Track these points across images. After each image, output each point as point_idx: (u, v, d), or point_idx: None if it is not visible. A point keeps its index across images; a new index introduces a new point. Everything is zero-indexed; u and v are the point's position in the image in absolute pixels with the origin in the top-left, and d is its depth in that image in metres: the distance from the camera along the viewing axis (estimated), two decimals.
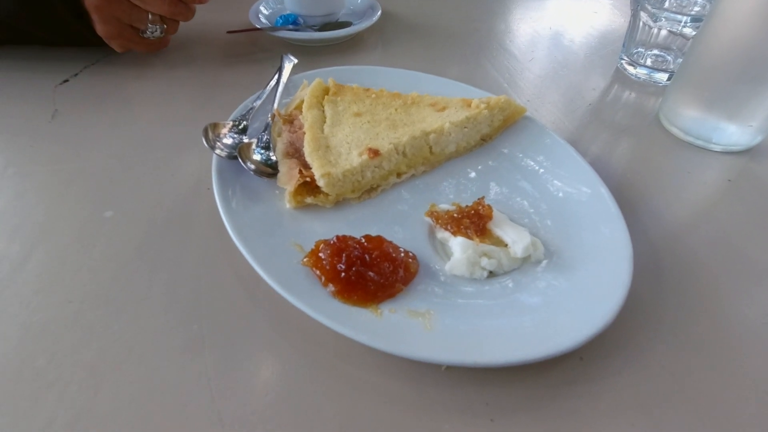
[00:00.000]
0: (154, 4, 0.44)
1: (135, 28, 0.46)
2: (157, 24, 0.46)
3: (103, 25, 0.45)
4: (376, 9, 0.58)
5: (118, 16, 0.45)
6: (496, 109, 0.38)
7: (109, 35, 0.46)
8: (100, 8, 0.43)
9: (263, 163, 0.34)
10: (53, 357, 0.26)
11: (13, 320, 0.27)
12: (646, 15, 0.48)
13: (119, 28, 0.46)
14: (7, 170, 0.38)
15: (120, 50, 0.48)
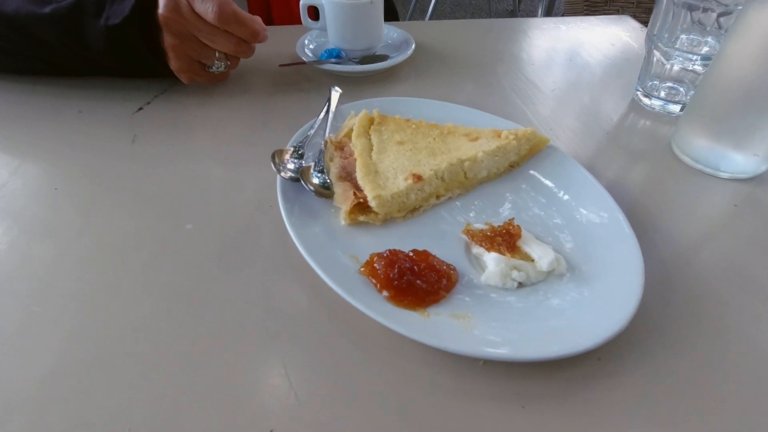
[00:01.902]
0: (222, 44, 0.51)
1: (202, 64, 0.53)
2: (222, 60, 0.53)
3: (176, 61, 0.52)
4: (410, 43, 0.64)
5: (189, 54, 0.52)
6: (523, 140, 0.43)
7: (180, 69, 0.53)
8: (175, 47, 0.50)
9: (321, 186, 0.39)
10: (155, 345, 0.31)
11: (119, 315, 0.33)
12: (659, 53, 0.53)
13: (189, 63, 0.52)
14: (98, 189, 0.44)
15: (187, 82, 0.55)
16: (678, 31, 0.52)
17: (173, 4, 0.48)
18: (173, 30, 0.49)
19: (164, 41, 0.50)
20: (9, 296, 0.34)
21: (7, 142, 0.50)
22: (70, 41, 0.51)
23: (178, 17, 0.49)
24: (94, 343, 0.31)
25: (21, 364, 0.30)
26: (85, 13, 0.49)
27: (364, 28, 0.60)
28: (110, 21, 0.49)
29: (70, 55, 0.53)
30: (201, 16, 0.49)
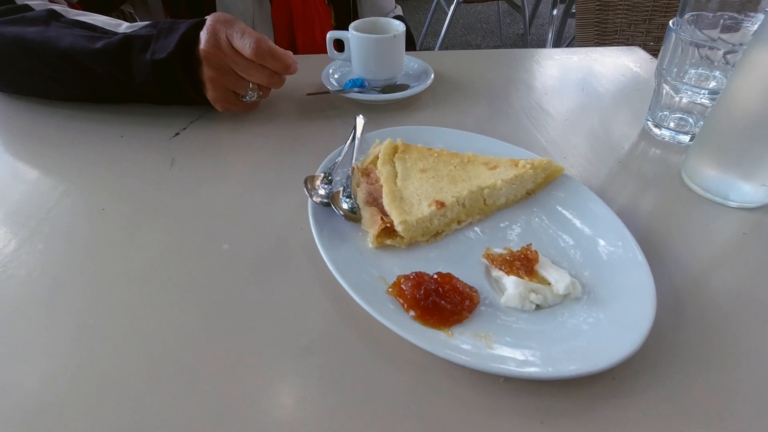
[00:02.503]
0: (256, 76, 0.55)
1: (237, 93, 0.57)
2: (255, 91, 0.57)
3: (213, 91, 0.56)
4: (429, 73, 0.67)
5: (226, 85, 0.56)
6: (539, 169, 0.45)
7: (216, 99, 0.57)
8: (214, 79, 0.55)
9: (350, 210, 0.42)
10: (197, 355, 0.34)
11: (163, 328, 0.36)
12: (668, 86, 0.56)
13: (225, 93, 0.57)
14: (141, 209, 0.47)
15: (221, 110, 0.59)
16: (686, 66, 0.55)
17: (214, 40, 0.53)
18: (213, 64, 0.54)
19: (203, 73, 0.54)
20: (65, 309, 0.37)
21: (57, 164, 0.54)
22: (118, 73, 0.55)
23: (218, 52, 0.53)
24: (143, 352, 0.34)
25: (78, 373, 0.32)
26: (133, 48, 0.54)
27: (387, 60, 0.64)
28: (156, 56, 0.53)
29: (117, 85, 0.57)
30: (239, 51, 0.53)
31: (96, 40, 0.54)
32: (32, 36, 0.55)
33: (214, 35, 0.53)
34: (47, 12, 0.58)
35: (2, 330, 0.35)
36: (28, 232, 0.44)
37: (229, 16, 0.55)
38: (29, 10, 0.58)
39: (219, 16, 0.54)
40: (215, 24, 0.54)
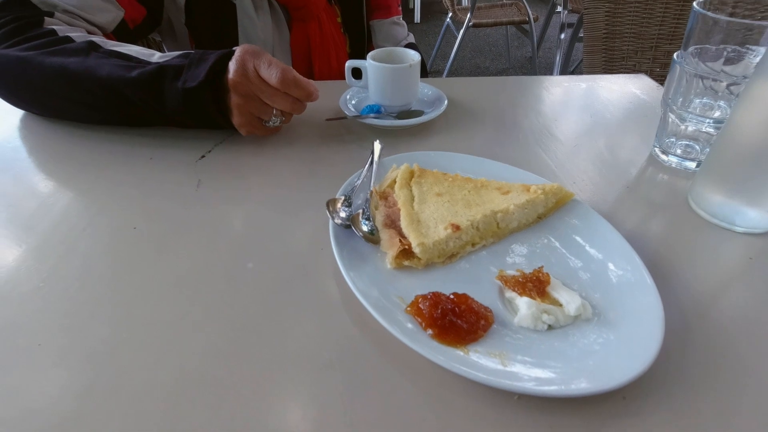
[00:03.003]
0: (280, 103, 0.59)
1: (261, 119, 0.61)
2: (278, 116, 0.61)
3: (239, 117, 0.59)
4: (442, 99, 0.70)
5: (251, 111, 0.59)
6: (550, 194, 0.47)
7: (242, 124, 0.60)
8: (240, 105, 0.58)
9: (369, 233, 0.45)
10: (226, 369, 0.36)
11: (193, 341, 0.38)
12: (673, 115, 0.58)
13: (250, 119, 0.60)
14: (170, 229, 0.50)
15: (245, 134, 0.62)
16: (691, 95, 0.57)
17: (242, 70, 0.56)
18: (240, 91, 0.57)
19: (231, 100, 0.58)
20: (102, 323, 0.39)
21: (91, 185, 0.57)
22: (151, 100, 0.59)
23: (246, 81, 0.57)
24: (174, 365, 0.36)
25: (115, 383, 0.34)
26: (166, 76, 0.58)
27: (403, 88, 0.67)
28: (187, 84, 0.57)
29: (150, 110, 0.61)
30: (265, 80, 0.57)
31: (132, 69, 0.58)
32: (73, 66, 0.59)
33: (242, 65, 0.57)
34: (87, 43, 0.62)
35: (42, 341, 0.37)
36: (65, 249, 0.47)
37: (257, 48, 0.59)
38: (70, 41, 0.62)
39: (247, 48, 0.58)
40: (244, 55, 0.57)
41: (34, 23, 0.64)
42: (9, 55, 0.60)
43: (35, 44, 0.61)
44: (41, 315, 0.40)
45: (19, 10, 0.64)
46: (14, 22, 0.63)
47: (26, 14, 0.64)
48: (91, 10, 0.70)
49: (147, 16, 0.79)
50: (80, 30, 0.67)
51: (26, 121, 0.70)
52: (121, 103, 0.60)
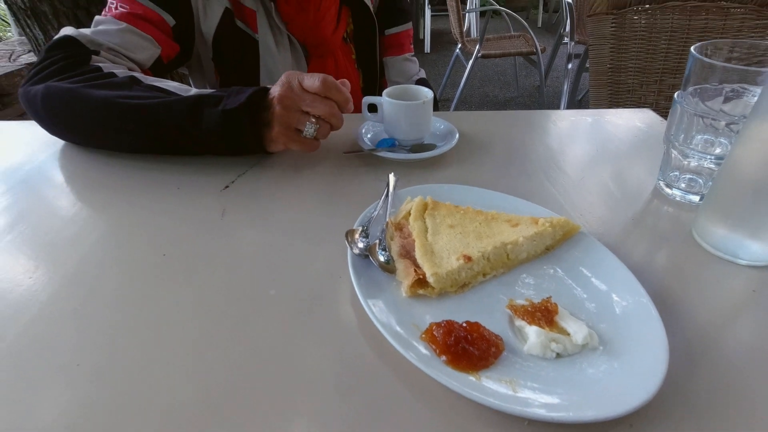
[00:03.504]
0: (320, 108, 0.64)
1: (298, 131, 0.66)
2: (313, 125, 0.65)
3: (278, 127, 0.65)
4: (454, 133, 0.74)
5: (290, 122, 0.65)
6: (558, 227, 0.50)
7: (279, 134, 0.65)
8: (281, 116, 0.64)
9: (385, 262, 0.47)
10: (248, 391, 0.38)
11: (219, 363, 0.40)
12: (676, 151, 0.60)
13: (287, 129, 0.65)
14: (197, 256, 0.53)
15: (279, 148, 0.68)
16: (693, 132, 0.59)
17: (288, 85, 0.64)
18: (284, 104, 0.63)
19: (272, 113, 0.64)
20: (134, 344, 0.42)
21: (123, 212, 0.61)
22: (189, 125, 0.65)
23: (290, 93, 0.63)
24: (201, 385, 0.38)
25: (147, 401, 0.37)
26: (206, 103, 0.64)
27: (417, 124, 0.71)
28: (227, 107, 0.63)
29: (185, 136, 0.66)
30: (307, 90, 0.64)
31: (171, 98, 0.65)
32: (118, 97, 0.65)
33: (288, 81, 0.64)
34: (129, 78, 0.69)
35: (81, 361, 0.40)
36: (100, 273, 0.50)
37: (299, 71, 0.66)
38: (114, 76, 0.69)
39: (291, 71, 0.66)
40: (289, 74, 0.65)
41: (83, 61, 0.71)
42: (60, 87, 0.67)
43: (83, 78, 0.67)
44: (79, 336, 0.43)
45: (69, 49, 0.71)
46: (65, 59, 0.70)
47: (76, 52, 0.71)
48: (132, 48, 0.77)
49: (179, 52, 0.85)
50: (122, 67, 0.74)
51: (65, 151, 0.75)
52: (160, 130, 0.66)
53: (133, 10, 0.77)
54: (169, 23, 0.81)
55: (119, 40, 0.76)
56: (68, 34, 0.73)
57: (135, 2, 0.78)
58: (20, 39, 2.60)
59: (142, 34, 0.78)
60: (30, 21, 1.39)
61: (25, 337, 0.43)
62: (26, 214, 0.60)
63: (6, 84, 2.01)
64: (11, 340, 0.42)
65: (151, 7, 0.78)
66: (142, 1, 0.78)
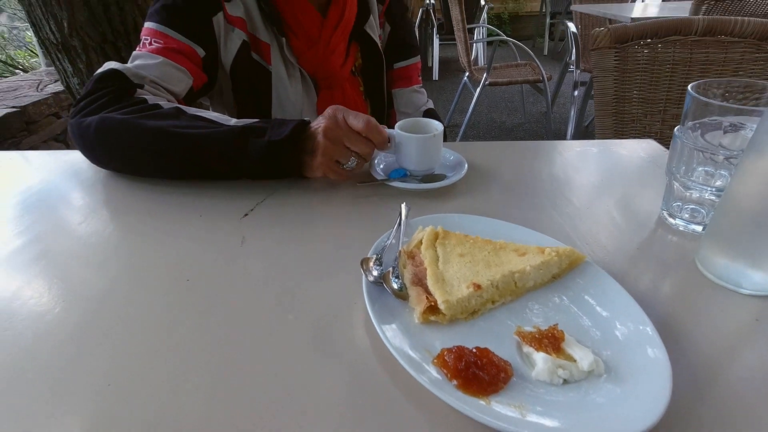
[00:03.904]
0: (360, 146, 0.70)
1: (338, 162, 0.71)
2: (354, 160, 0.71)
3: (322, 158, 0.70)
4: (463, 164, 0.77)
5: (333, 154, 0.70)
6: (563, 256, 0.52)
7: (321, 164, 0.71)
8: (326, 147, 0.69)
9: (398, 290, 0.50)
10: (270, 410, 0.40)
11: (241, 383, 0.42)
12: (678, 183, 0.63)
13: (330, 161, 0.71)
14: (219, 282, 0.56)
15: (320, 175, 0.73)
16: (694, 164, 0.62)
17: (333, 119, 0.70)
18: (329, 136, 0.69)
19: (317, 143, 0.69)
20: (160, 366, 0.44)
21: (150, 238, 0.64)
22: (235, 153, 0.70)
23: (336, 126, 0.69)
24: (224, 405, 0.40)
25: (175, 421, 0.39)
26: (251, 134, 0.70)
27: (428, 155, 0.74)
28: (272, 138, 0.69)
29: (228, 163, 0.72)
30: (351, 127, 0.69)
31: (218, 128, 0.71)
32: (169, 127, 0.71)
33: (333, 116, 0.70)
34: (175, 108, 0.75)
35: (112, 382, 0.43)
36: (129, 297, 0.53)
37: (344, 107, 0.72)
38: (160, 107, 0.75)
39: (336, 106, 0.72)
40: (335, 109, 0.71)
41: (128, 93, 0.77)
42: (115, 117, 0.72)
43: (135, 110, 0.73)
44: (109, 357, 0.45)
45: (116, 82, 0.77)
46: (113, 92, 0.76)
47: (122, 85, 0.77)
48: (169, 80, 0.84)
49: (207, 82, 0.91)
50: (163, 98, 0.80)
51: (93, 180, 0.80)
52: (208, 158, 0.72)
53: (167, 45, 0.84)
54: (200, 55, 0.87)
55: (158, 73, 0.82)
56: (114, 67, 0.79)
57: (169, 37, 0.84)
58: (47, 69, 2.73)
59: (178, 66, 0.84)
60: (60, 54, 1.46)
61: (57, 358, 0.46)
62: (58, 240, 0.64)
63: (33, 112, 2.10)
64: (44, 361, 0.45)
65: (184, 40, 0.85)
66: (175, 36, 0.84)
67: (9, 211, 0.72)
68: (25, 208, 0.72)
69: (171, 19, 0.84)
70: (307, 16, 0.94)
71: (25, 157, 0.92)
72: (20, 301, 0.53)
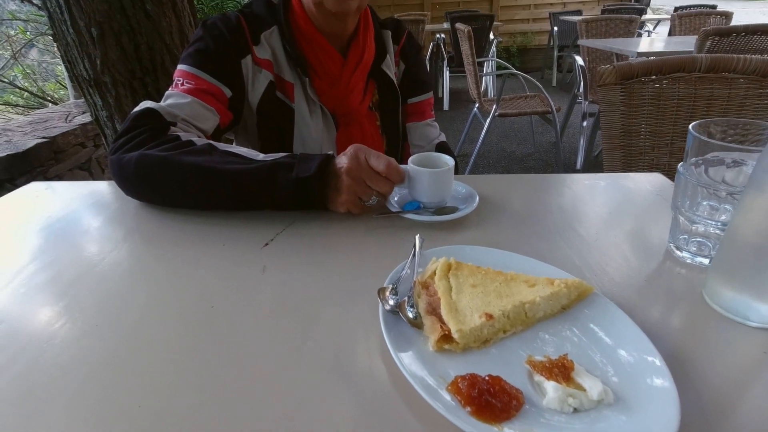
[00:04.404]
0: (381, 186, 0.75)
1: (360, 199, 0.76)
2: (376, 197, 0.77)
3: (346, 195, 0.74)
4: (474, 197, 0.80)
5: (356, 192, 0.74)
6: (572, 288, 0.54)
7: (345, 201, 0.76)
8: (350, 186, 0.74)
9: (413, 319, 0.52)
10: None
11: (262, 407, 0.44)
12: (683, 218, 0.65)
13: (353, 198, 0.75)
14: (242, 309, 0.59)
15: (343, 211, 0.78)
16: (698, 199, 0.64)
17: (356, 159, 0.74)
18: (353, 175, 0.73)
19: (341, 182, 0.74)
20: (187, 388, 0.47)
21: (177, 266, 0.67)
22: (265, 188, 0.76)
23: (358, 167, 0.73)
24: (249, 426, 0.43)
25: None
26: (280, 169, 0.75)
27: (440, 188, 0.77)
28: (300, 174, 0.73)
29: (258, 197, 0.78)
30: (372, 167, 0.74)
31: (249, 165, 0.76)
32: (205, 163, 0.76)
33: (356, 156, 0.74)
34: (207, 145, 0.80)
35: (142, 403, 0.45)
36: (157, 322, 0.56)
37: (364, 146, 0.76)
38: (193, 144, 0.80)
39: (358, 146, 0.76)
40: (357, 150, 0.75)
41: (163, 130, 0.83)
42: (154, 154, 0.77)
43: (171, 146, 0.78)
44: (139, 380, 0.48)
45: (152, 121, 0.83)
46: (150, 130, 0.82)
47: (158, 123, 0.83)
48: (199, 118, 0.90)
49: (232, 119, 0.97)
50: (194, 135, 0.86)
51: (121, 210, 0.84)
52: (240, 191, 0.77)
53: (198, 86, 0.91)
54: (227, 95, 0.94)
55: (189, 112, 0.88)
56: (150, 106, 0.85)
57: (199, 78, 0.91)
58: (75, 102, 2.87)
59: (207, 106, 0.91)
60: (92, 89, 1.55)
61: (90, 381, 0.48)
62: (89, 268, 0.68)
63: (62, 142, 2.21)
64: (79, 383, 0.48)
65: (213, 81, 0.92)
66: (206, 77, 0.92)
67: (42, 241, 0.76)
68: (57, 238, 0.77)
69: (202, 62, 0.91)
70: (329, 58, 1.00)
71: (53, 188, 0.98)
72: (56, 326, 0.56)
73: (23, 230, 0.80)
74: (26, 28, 3.41)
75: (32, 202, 0.91)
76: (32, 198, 0.92)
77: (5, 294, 0.62)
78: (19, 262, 0.70)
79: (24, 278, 0.66)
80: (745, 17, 13.77)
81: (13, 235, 0.79)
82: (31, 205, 0.89)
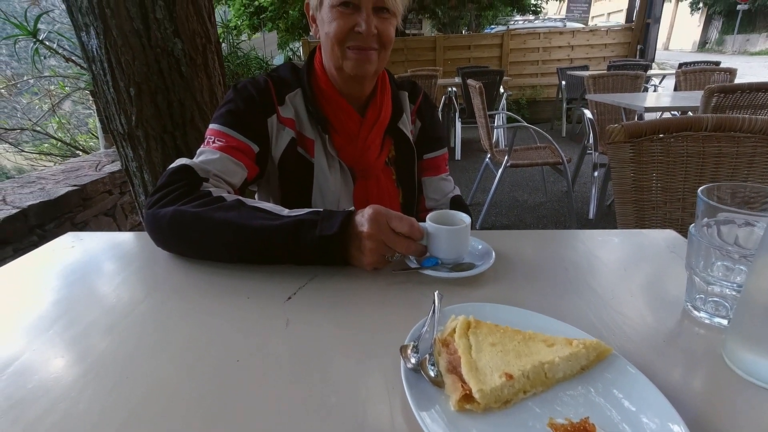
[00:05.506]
0: (403, 246, 0.78)
1: (383, 256, 0.79)
2: (398, 255, 0.80)
3: (370, 256, 0.78)
4: (491, 253, 0.82)
5: (380, 252, 0.78)
6: (591, 349, 0.55)
7: (371, 262, 0.79)
8: (373, 249, 0.77)
9: (434, 377, 0.53)
10: None
11: None
12: (698, 278, 0.66)
13: (379, 257, 0.79)
14: (266, 363, 0.60)
15: (369, 269, 0.81)
16: (712, 259, 0.65)
17: (377, 223, 0.77)
18: (374, 239, 0.77)
19: (364, 245, 0.77)
20: None
21: (202, 320, 0.70)
22: (290, 244, 0.79)
23: (380, 231, 0.77)
24: None
25: None
26: (304, 226, 0.78)
27: (457, 245, 0.80)
28: (323, 233, 0.77)
29: (284, 251, 0.81)
30: (392, 229, 0.77)
31: (275, 221, 0.80)
32: (235, 219, 0.81)
33: (376, 220, 0.77)
34: (236, 201, 0.85)
35: None
36: (184, 377, 0.58)
37: (383, 208, 0.80)
38: (223, 200, 0.85)
39: (377, 208, 0.79)
40: (377, 214, 0.78)
41: (196, 186, 0.89)
42: (188, 211, 0.83)
43: (203, 202, 0.84)
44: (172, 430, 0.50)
45: (186, 177, 0.90)
46: (184, 186, 0.88)
47: (192, 179, 0.90)
48: (229, 174, 0.96)
49: (258, 173, 1.03)
50: (224, 190, 0.92)
51: (148, 263, 0.88)
52: (266, 246, 0.81)
53: (228, 143, 0.98)
54: (255, 150, 1.01)
55: (220, 167, 0.95)
56: (185, 163, 0.92)
57: (230, 136, 0.99)
58: (105, 151, 3.02)
59: (235, 161, 0.98)
60: (125, 142, 1.65)
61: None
62: (118, 321, 0.70)
63: (91, 189, 2.32)
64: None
65: (242, 139, 0.99)
66: (235, 135, 0.99)
67: (74, 292, 0.80)
68: (89, 290, 0.81)
69: (233, 122, 0.99)
70: (348, 117, 1.07)
71: (84, 239, 1.02)
72: (88, 377, 0.58)
73: (57, 282, 0.84)
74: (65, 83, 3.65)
75: (66, 253, 0.95)
76: (67, 249, 0.97)
77: (40, 344, 0.65)
78: (53, 313, 0.73)
79: (58, 330, 0.68)
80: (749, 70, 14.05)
81: (47, 286, 0.82)
82: (64, 256, 0.94)
